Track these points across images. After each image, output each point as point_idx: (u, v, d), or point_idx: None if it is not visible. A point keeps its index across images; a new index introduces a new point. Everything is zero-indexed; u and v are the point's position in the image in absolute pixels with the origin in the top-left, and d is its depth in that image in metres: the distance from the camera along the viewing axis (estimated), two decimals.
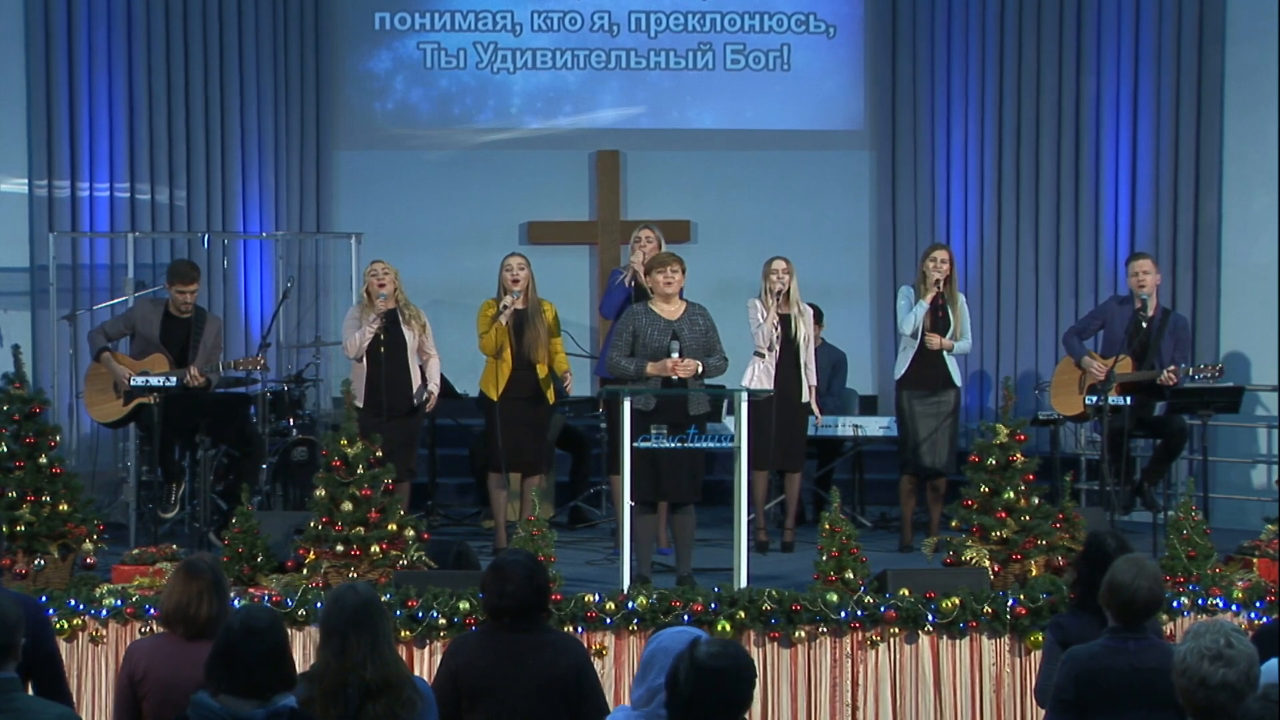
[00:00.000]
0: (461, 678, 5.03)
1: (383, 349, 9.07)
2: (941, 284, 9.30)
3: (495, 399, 9.09)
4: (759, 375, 9.00)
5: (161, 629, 5.29)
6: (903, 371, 9.41)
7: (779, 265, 9.19)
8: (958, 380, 9.38)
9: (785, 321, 9.16)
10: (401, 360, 9.14)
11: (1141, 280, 9.36)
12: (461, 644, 5.21)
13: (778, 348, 9.07)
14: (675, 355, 8.01)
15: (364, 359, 9.09)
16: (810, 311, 9.42)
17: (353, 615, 4.67)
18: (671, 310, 8.21)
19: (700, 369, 8.06)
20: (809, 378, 9.24)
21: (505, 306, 8.97)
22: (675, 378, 8.01)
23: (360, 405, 8.95)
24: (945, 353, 9.31)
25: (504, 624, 5.07)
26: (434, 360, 9.32)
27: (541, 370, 9.18)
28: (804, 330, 9.22)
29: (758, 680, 7.13)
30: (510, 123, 12.20)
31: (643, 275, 8.82)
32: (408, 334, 9.18)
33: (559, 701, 4.98)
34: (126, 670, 5.16)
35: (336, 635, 4.68)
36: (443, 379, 10.49)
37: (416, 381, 9.19)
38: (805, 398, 9.22)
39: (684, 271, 8.25)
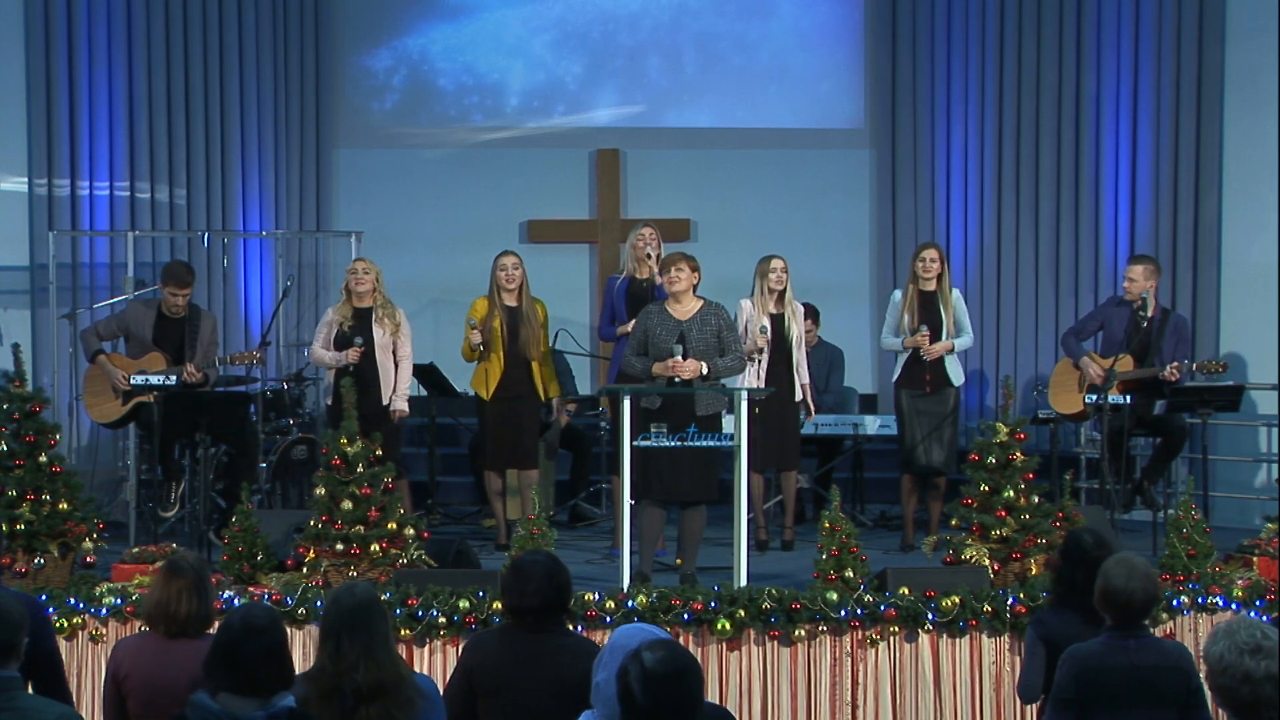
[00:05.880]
0: (476, 675, 5.03)
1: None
2: (935, 283, 9.31)
3: (487, 398, 9.12)
4: (748, 375, 8.99)
5: (144, 628, 5.31)
6: (899, 372, 9.42)
7: (778, 264, 9.19)
8: (956, 379, 9.37)
9: (778, 321, 9.16)
10: (369, 358, 9.19)
11: (1126, 287, 9.42)
12: (479, 642, 5.23)
13: (769, 347, 9.06)
14: (678, 357, 8.00)
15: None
16: (801, 310, 9.42)
17: (348, 617, 4.66)
18: (683, 310, 8.17)
19: (705, 370, 8.02)
20: (801, 376, 9.24)
21: (477, 345, 9.10)
22: (677, 379, 7.99)
23: (329, 403, 9.06)
24: (946, 352, 9.31)
25: (523, 624, 5.06)
26: (405, 365, 9.33)
27: (535, 367, 9.20)
28: (796, 330, 9.23)
29: (758, 679, 7.23)
30: (510, 121, 12.20)
31: (653, 275, 8.95)
32: (377, 331, 9.21)
33: (572, 705, 4.95)
34: (111, 669, 5.19)
35: (332, 637, 4.67)
36: (442, 377, 10.52)
37: (387, 379, 9.21)
38: (799, 396, 9.23)
39: (693, 269, 8.17)
